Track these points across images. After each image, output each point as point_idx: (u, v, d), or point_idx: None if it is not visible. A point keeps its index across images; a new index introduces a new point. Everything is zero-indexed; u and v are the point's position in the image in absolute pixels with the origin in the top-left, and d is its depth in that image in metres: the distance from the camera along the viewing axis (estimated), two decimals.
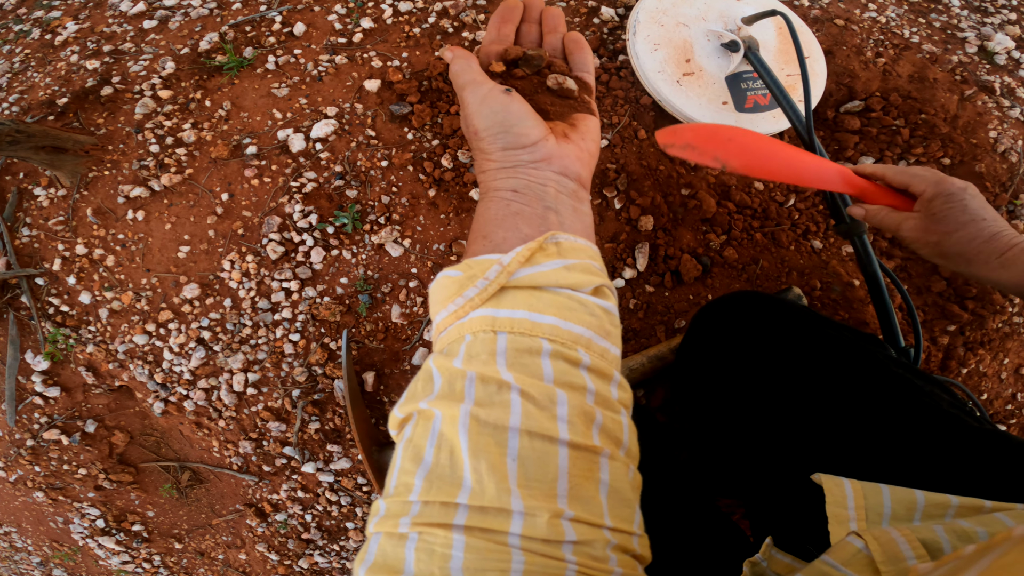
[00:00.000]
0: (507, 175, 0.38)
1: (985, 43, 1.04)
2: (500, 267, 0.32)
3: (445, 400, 0.30)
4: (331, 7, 0.99)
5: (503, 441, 0.28)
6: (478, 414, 0.28)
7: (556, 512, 0.27)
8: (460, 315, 0.33)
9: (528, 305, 0.32)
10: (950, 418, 0.50)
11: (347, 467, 0.92)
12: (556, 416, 0.29)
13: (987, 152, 0.93)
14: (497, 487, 0.27)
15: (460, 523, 0.26)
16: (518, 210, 0.36)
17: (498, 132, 0.38)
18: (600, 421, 0.30)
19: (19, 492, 1.05)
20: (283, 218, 0.87)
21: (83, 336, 0.91)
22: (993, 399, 0.96)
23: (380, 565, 0.27)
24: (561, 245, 0.34)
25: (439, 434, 0.29)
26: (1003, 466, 0.45)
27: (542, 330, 0.31)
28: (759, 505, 0.58)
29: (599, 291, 0.35)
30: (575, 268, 0.33)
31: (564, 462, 0.28)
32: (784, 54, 0.90)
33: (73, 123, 0.93)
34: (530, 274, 0.32)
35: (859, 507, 0.40)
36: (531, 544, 0.26)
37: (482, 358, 0.30)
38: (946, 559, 0.23)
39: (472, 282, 0.33)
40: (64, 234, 0.90)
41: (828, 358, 0.56)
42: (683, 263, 0.87)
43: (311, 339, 0.88)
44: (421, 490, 0.28)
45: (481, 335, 0.31)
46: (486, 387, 0.29)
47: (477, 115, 0.39)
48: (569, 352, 0.31)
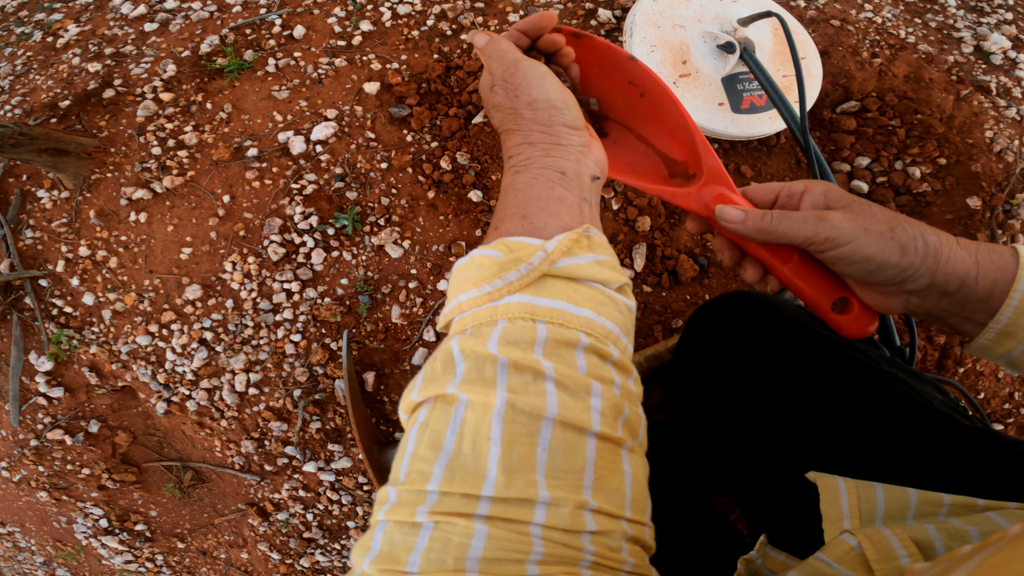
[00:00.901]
0: (561, 154, 0.38)
1: (981, 43, 1.04)
2: (544, 254, 0.32)
3: (474, 385, 0.29)
4: (330, 10, 0.99)
5: (536, 430, 0.28)
6: (514, 401, 0.28)
7: (580, 503, 0.27)
8: (495, 297, 0.31)
9: (567, 296, 0.31)
10: (942, 417, 0.50)
11: (348, 466, 0.93)
12: (590, 407, 0.29)
13: (983, 152, 0.94)
14: (525, 479, 0.27)
15: (483, 513, 0.26)
16: (562, 196, 0.36)
17: (561, 107, 0.39)
18: (626, 414, 0.31)
19: (23, 492, 1.06)
20: (284, 220, 0.88)
21: (86, 337, 0.92)
22: (990, 398, 0.96)
23: (386, 555, 0.26)
24: (592, 240, 0.34)
25: (462, 420, 0.28)
26: (995, 465, 0.46)
27: (579, 323, 0.31)
28: (754, 503, 0.59)
29: (623, 289, 0.35)
30: (605, 264, 0.33)
31: (592, 453, 0.28)
32: (780, 55, 0.91)
33: (75, 125, 0.94)
34: (569, 265, 0.32)
35: (853, 506, 0.40)
36: (552, 534, 0.26)
37: (521, 345, 0.30)
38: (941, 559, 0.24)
39: (515, 265, 0.32)
40: (67, 236, 0.91)
41: (823, 358, 0.56)
42: (680, 263, 0.87)
43: (312, 339, 0.88)
44: (442, 480, 0.27)
45: (520, 322, 0.30)
46: (521, 375, 0.29)
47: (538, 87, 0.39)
48: (601, 347, 0.31)
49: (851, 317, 0.42)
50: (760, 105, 0.88)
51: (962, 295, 0.39)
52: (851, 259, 0.39)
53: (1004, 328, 0.39)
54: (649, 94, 0.46)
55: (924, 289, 0.39)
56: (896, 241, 0.38)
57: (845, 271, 0.41)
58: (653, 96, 0.46)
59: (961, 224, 0.91)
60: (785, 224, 0.41)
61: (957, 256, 0.38)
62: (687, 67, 0.87)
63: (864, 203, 0.40)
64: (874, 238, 0.38)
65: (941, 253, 0.38)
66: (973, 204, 0.92)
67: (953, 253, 0.38)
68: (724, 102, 0.87)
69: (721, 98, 0.87)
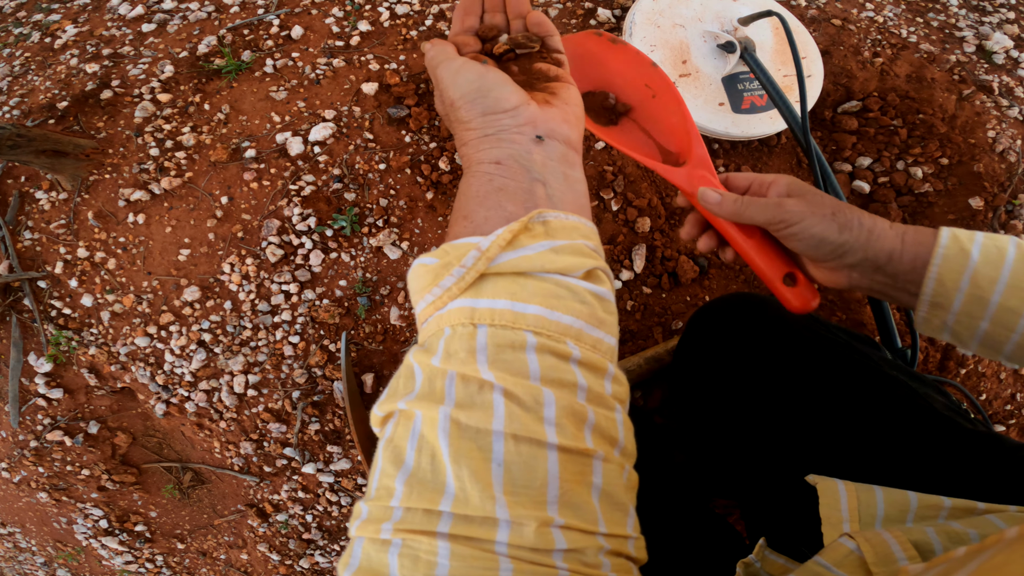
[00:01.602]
0: (490, 144, 0.35)
1: (983, 42, 1.03)
2: (478, 252, 0.30)
3: (425, 401, 0.28)
4: (328, 10, 0.99)
5: (486, 446, 0.26)
6: (458, 417, 0.27)
7: (545, 520, 0.26)
8: (438, 306, 0.30)
9: (510, 294, 0.29)
10: (944, 420, 0.50)
11: (347, 468, 0.93)
12: (543, 419, 0.27)
13: (985, 152, 0.93)
14: (481, 495, 0.25)
15: (444, 531, 0.25)
16: (501, 185, 0.33)
17: (475, 97, 0.36)
18: (593, 420, 0.29)
19: (23, 493, 1.06)
20: (282, 221, 0.87)
21: (85, 338, 0.92)
22: (992, 399, 0.96)
23: (365, 569, 0.26)
24: (549, 224, 0.31)
25: (420, 436, 0.27)
26: (995, 468, 0.45)
27: (526, 321, 0.28)
28: (754, 506, 0.58)
29: (592, 275, 0.32)
30: (564, 250, 0.31)
31: (554, 467, 0.27)
32: (781, 55, 0.90)
33: (73, 127, 0.93)
34: (513, 259, 0.30)
35: (852, 509, 0.40)
36: (519, 552, 0.25)
37: (460, 356, 0.28)
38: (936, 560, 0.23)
39: (448, 270, 0.30)
40: (66, 237, 0.91)
41: (823, 360, 0.56)
42: (680, 264, 0.87)
43: (310, 341, 0.88)
44: (403, 495, 0.26)
45: (460, 329, 0.29)
46: (467, 387, 0.27)
47: (452, 86, 0.37)
48: (557, 345, 0.29)
49: (797, 291, 0.49)
50: (761, 105, 0.88)
51: (892, 268, 0.44)
52: (800, 236, 0.46)
53: (933, 299, 0.43)
54: (660, 97, 0.54)
55: (860, 263, 0.45)
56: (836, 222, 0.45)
57: (796, 247, 0.48)
58: (663, 99, 0.54)
59: (963, 224, 0.91)
60: (752, 208, 0.48)
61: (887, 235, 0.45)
62: (687, 67, 0.87)
63: (816, 193, 0.48)
64: (819, 219, 0.45)
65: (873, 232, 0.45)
66: (975, 204, 0.91)
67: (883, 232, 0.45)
68: (724, 102, 0.87)
69: (721, 98, 0.87)
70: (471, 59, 0.39)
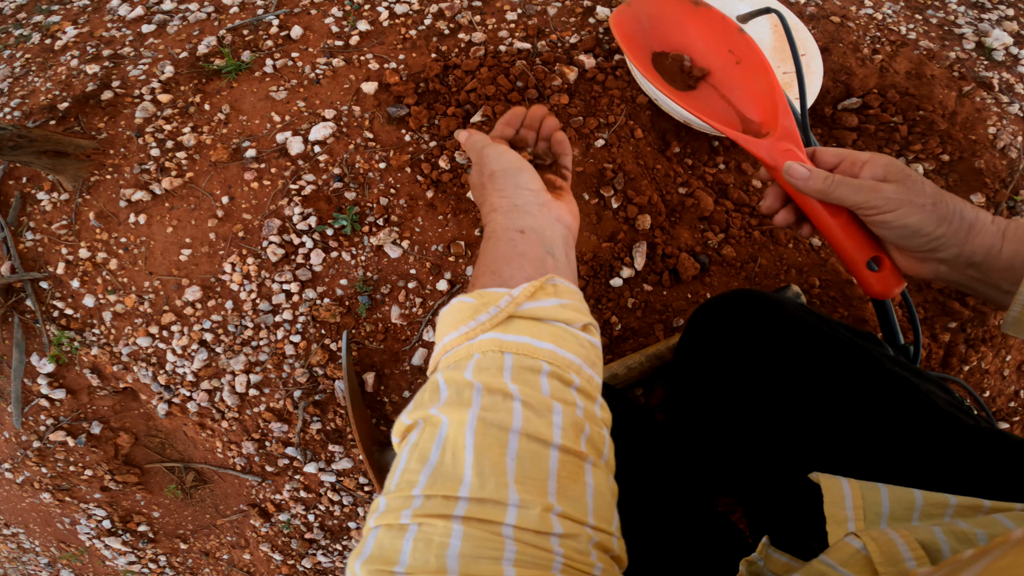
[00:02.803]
0: (518, 215, 0.44)
1: (983, 39, 1.03)
2: (510, 298, 0.38)
3: (453, 406, 0.33)
4: (328, 10, 0.99)
5: (504, 441, 0.31)
6: (485, 416, 0.32)
7: (547, 506, 0.30)
8: (471, 336, 0.37)
9: (531, 333, 0.36)
10: (947, 417, 0.50)
11: (349, 467, 0.93)
12: (552, 423, 0.33)
13: (986, 148, 0.93)
14: (496, 481, 0.30)
15: (460, 514, 0.29)
16: (523, 251, 0.42)
17: (514, 171, 0.47)
18: (588, 432, 0.34)
19: (26, 493, 1.06)
20: (283, 220, 0.88)
21: (87, 339, 0.92)
22: (996, 396, 0.96)
23: (376, 557, 0.28)
24: (558, 287, 0.40)
25: (445, 437, 0.32)
26: (1000, 465, 0.45)
27: (542, 354, 0.36)
28: (757, 504, 0.58)
29: (587, 328, 0.40)
30: (568, 307, 0.39)
31: (555, 464, 0.32)
32: (780, 52, 0.90)
33: (74, 127, 0.94)
34: (533, 307, 0.38)
35: (857, 507, 0.40)
36: (523, 535, 0.29)
37: (491, 372, 0.34)
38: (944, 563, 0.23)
39: (485, 309, 0.37)
40: (67, 238, 0.91)
41: (825, 357, 0.56)
42: (681, 262, 0.87)
43: (312, 340, 0.88)
44: (425, 485, 0.30)
45: (490, 354, 0.36)
46: (492, 396, 0.33)
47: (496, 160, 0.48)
48: (563, 374, 0.35)
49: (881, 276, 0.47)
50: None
51: (987, 265, 0.43)
52: (892, 224, 0.45)
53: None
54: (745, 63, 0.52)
55: (953, 259, 0.44)
56: (936, 213, 0.43)
57: (885, 235, 0.46)
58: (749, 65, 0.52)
59: None
60: (843, 189, 0.46)
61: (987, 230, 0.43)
62: None
63: (917, 179, 0.45)
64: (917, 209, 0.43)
65: (974, 227, 0.43)
66: (977, 201, 0.91)
67: (984, 227, 0.43)
68: None
69: None
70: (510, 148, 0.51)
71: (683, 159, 0.94)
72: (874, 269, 0.47)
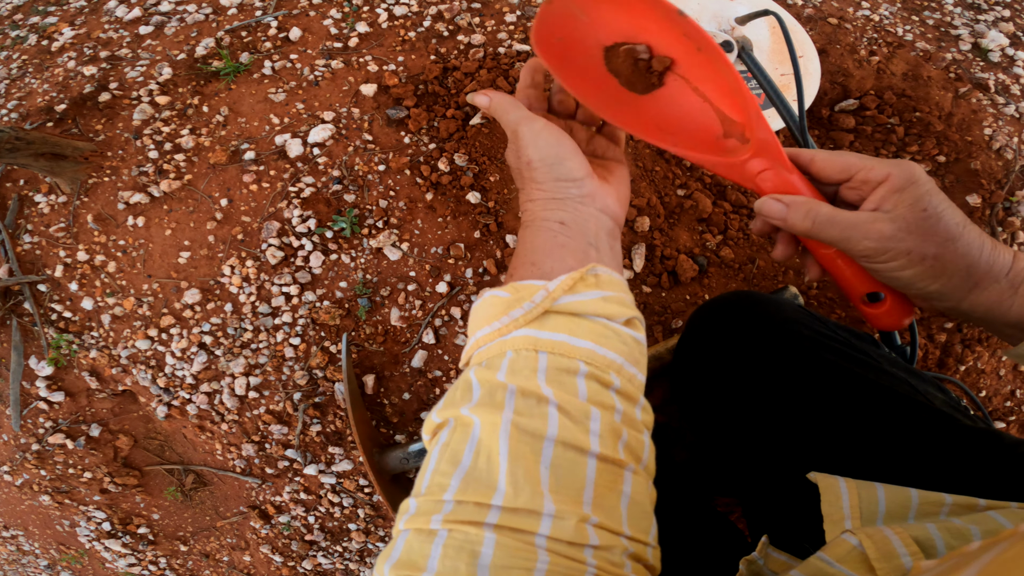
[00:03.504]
0: (556, 207, 0.40)
1: (979, 40, 1.04)
2: (546, 292, 0.35)
3: (486, 408, 0.32)
4: (326, 12, 0.99)
5: (539, 449, 0.30)
6: (519, 423, 0.31)
7: (583, 517, 0.29)
8: (504, 332, 0.35)
9: (568, 330, 0.34)
10: (944, 417, 0.50)
11: (349, 469, 0.93)
12: (589, 430, 0.31)
13: (982, 149, 0.94)
14: (531, 491, 0.29)
15: (492, 522, 0.28)
16: (564, 242, 0.39)
17: (552, 163, 0.41)
18: (625, 438, 0.33)
19: (25, 496, 1.06)
20: (282, 223, 0.88)
21: (86, 341, 0.92)
22: (992, 396, 0.96)
23: (405, 562, 0.28)
24: (600, 277, 0.37)
25: (478, 440, 0.31)
26: (996, 465, 0.46)
27: (579, 353, 0.33)
28: (756, 504, 0.59)
29: (630, 323, 0.37)
30: (611, 300, 0.36)
31: (592, 473, 0.31)
32: (778, 54, 0.91)
33: (72, 129, 0.93)
34: (571, 302, 0.35)
35: (854, 506, 0.40)
36: (556, 546, 0.28)
37: (524, 373, 0.33)
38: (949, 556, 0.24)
39: (519, 303, 0.35)
40: (65, 240, 0.91)
41: (823, 358, 0.56)
42: (680, 263, 0.87)
43: (311, 343, 0.88)
44: (457, 490, 0.29)
45: (524, 353, 0.34)
46: (526, 400, 0.32)
47: (532, 146, 0.41)
48: (602, 375, 0.33)
49: (883, 311, 0.42)
50: (759, 104, 0.88)
51: (988, 320, 0.38)
52: (881, 273, 0.39)
53: None
54: (705, 50, 0.42)
55: (952, 310, 0.39)
56: (935, 269, 0.37)
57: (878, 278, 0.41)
58: (709, 52, 0.42)
59: None
60: (828, 231, 0.39)
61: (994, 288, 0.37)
62: None
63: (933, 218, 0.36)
64: (914, 261, 0.37)
65: (980, 284, 0.37)
66: (973, 202, 0.91)
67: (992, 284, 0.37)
68: None
69: None
70: (550, 121, 0.42)
71: (682, 161, 0.94)
72: (875, 302, 0.42)
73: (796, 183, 0.41)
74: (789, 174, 0.40)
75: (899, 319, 0.41)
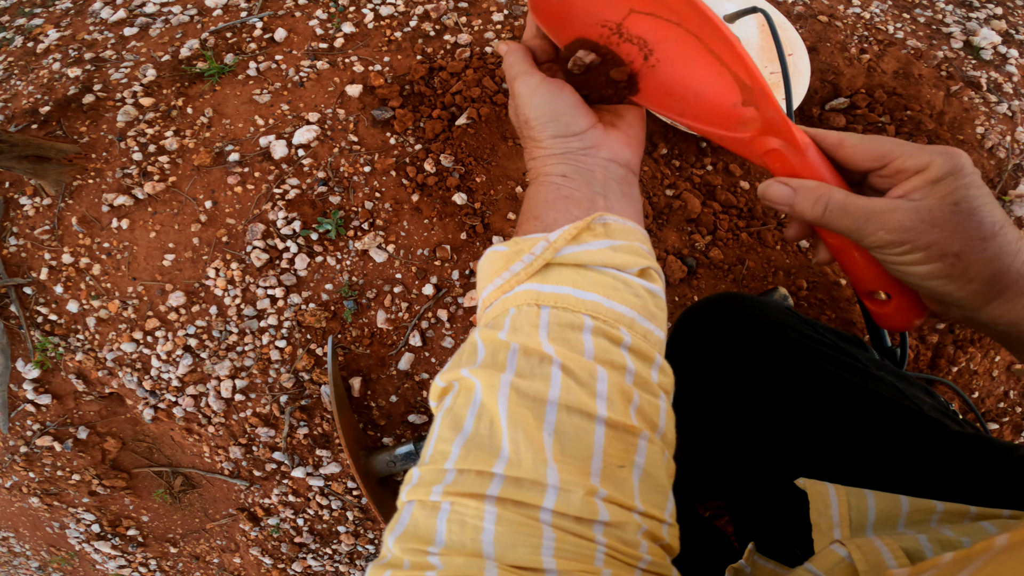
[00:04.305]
0: (557, 161, 0.38)
1: (970, 38, 1.03)
2: (547, 243, 0.33)
3: (487, 369, 0.30)
4: (312, 12, 0.98)
5: (541, 414, 0.28)
6: (518, 385, 0.29)
7: (590, 490, 0.27)
8: (506, 289, 0.33)
9: (572, 282, 0.32)
10: (932, 423, 0.50)
11: (337, 471, 0.93)
12: (596, 392, 0.29)
13: (974, 148, 0.93)
14: (534, 458, 0.27)
15: (493, 494, 0.26)
16: (568, 193, 0.37)
17: (548, 120, 0.39)
18: (637, 402, 0.30)
19: (15, 498, 1.06)
20: (267, 225, 0.87)
21: (72, 344, 0.92)
22: (985, 397, 0.96)
23: (411, 535, 0.27)
24: (609, 226, 0.34)
25: (480, 404, 0.29)
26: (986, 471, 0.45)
27: (585, 306, 0.31)
28: (743, 509, 0.58)
29: (645, 273, 0.34)
30: (621, 249, 0.33)
31: (600, 440, 0.28)
32: (767, 52, 0.90)
33: (56, 131, 0.93)
34: (575, 252, 0.33)
35: (843, 514, 0.40)
36: (563, 521, 0.26)
37: (525, 330, 0.30)
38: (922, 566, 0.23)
39: (519, 257, 0.33)
40: (50, 243, 0.90)
41: (811, 361, 0.55)
42: (668, 264, 0.86)
43: (297, 345, 0.88)
44: (458, 458, 0.28)
45: (525, 308, 0.32)
46: (528, 359, 0.29)
47: (528, 104, 0.40)
48: (611, 330, 0.31)
49: (890, 309, 0.38)
50: None
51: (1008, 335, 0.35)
52: (894, 265, 0.35)
53: None
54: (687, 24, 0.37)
55: (968, 319, 0.36)
56: (956, 269, 0.32)
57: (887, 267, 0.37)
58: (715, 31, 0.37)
59: None
60: (840, 221, 0.34)
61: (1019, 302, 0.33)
62: None
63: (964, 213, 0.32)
64: (932, 257, 0.32)
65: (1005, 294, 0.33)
66: None
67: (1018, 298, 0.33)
68: None
69: None
70: (547, 77, 0.40)
71: (670, 161, 0.93)
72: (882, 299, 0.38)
73: (810, 165, 0.36)
74: (802, 155, 0.36)
75: (909, 320, 0.38)
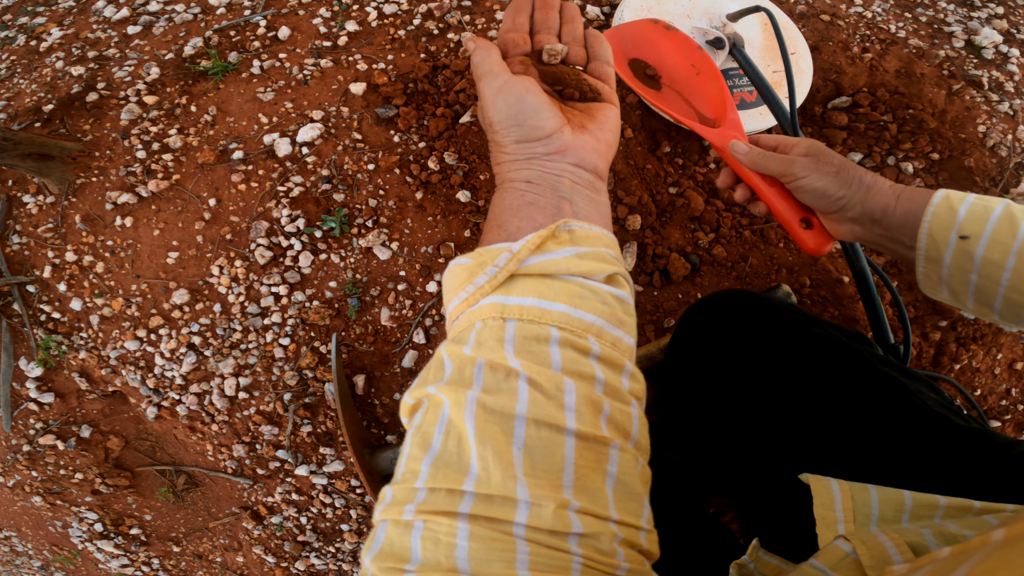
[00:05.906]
0: (521, 167, 0.38)
1: (972, 37, 1.03)
2: (510, 254, 0.32)
3: (453, 386, 0.29)
4: (316, 11, 0.98)
5: (509, 429, 0.28)
6: (484, 401, 0.28)
7: (562, 503, 0.27)
8: (471, 303, 0.33)
9: (538, 293, 0.31)
10: (937, 417, 0.50)
11: (340, 470, 0.93)
12: (564, 405, 0.29)
13: (976, 147, 0.93)
14: (503, 475, 0.27)
15: (465, 511, 0.26)
16: (532, 200, 0.36)
17: (512, 125, 0.38)
18: (608, 411, 0.30)
19: (18, 497, 1.05)
20: (271, 223, 0.87)
21: (75, 342, 0.92)
22: (987, 395, 0.96)
23: (387, 553, 0.27)
24: (574, 233, 0.34)
25: (448, 421, 0.29)
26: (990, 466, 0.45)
27: (551, 317, 0.31)
28: (747, 505, 0.58)
29: (612, 279, 0.34)
30: (587, 256, 0.33)
31: (571, 452, 0.28)
32: (770, 50, 0.90)
33: (60, 130, 0.93)
34: (540, 262, 0.32)
35: (847, 509, 0.40)
36: (536, 535, 0.26)
37: (490, 345, 0.30)
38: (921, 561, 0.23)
39: (482, 269, 0.33)
40: (54, 241, 0.90)
41: (815, 357, 0.56)
42: (671, 262, 0.87)
43: (301, 343, 0.88)
44: (427, 476, 0.28)
45: (490, 322, 0.31)
46: (494, 374, 0.29)
47: (492, 107, 0.39)
48: (579, 340, 0.31)
49: (811, 234, 0.56)
50: (751, 101, 0.87)
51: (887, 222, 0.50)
52: (804, 188, 0.53)
53: (927, 253, 0.48)
54: (704, 75, 0.65)
55: (859, 217, 0.51)
56: (839, 179, 0.51)
57: (803, 199, 0.54)
58: (706, 76, 0.65)
59: None
60: (769, 161, 0.55)
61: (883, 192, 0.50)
62: None
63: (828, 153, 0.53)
64: (822, 175, 0.52)
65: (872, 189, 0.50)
66: None
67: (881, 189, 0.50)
68: None
69: None
70: (513, 76, 0.39)
71: (673, 159, 0.94)
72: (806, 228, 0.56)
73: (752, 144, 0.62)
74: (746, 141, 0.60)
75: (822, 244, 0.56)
